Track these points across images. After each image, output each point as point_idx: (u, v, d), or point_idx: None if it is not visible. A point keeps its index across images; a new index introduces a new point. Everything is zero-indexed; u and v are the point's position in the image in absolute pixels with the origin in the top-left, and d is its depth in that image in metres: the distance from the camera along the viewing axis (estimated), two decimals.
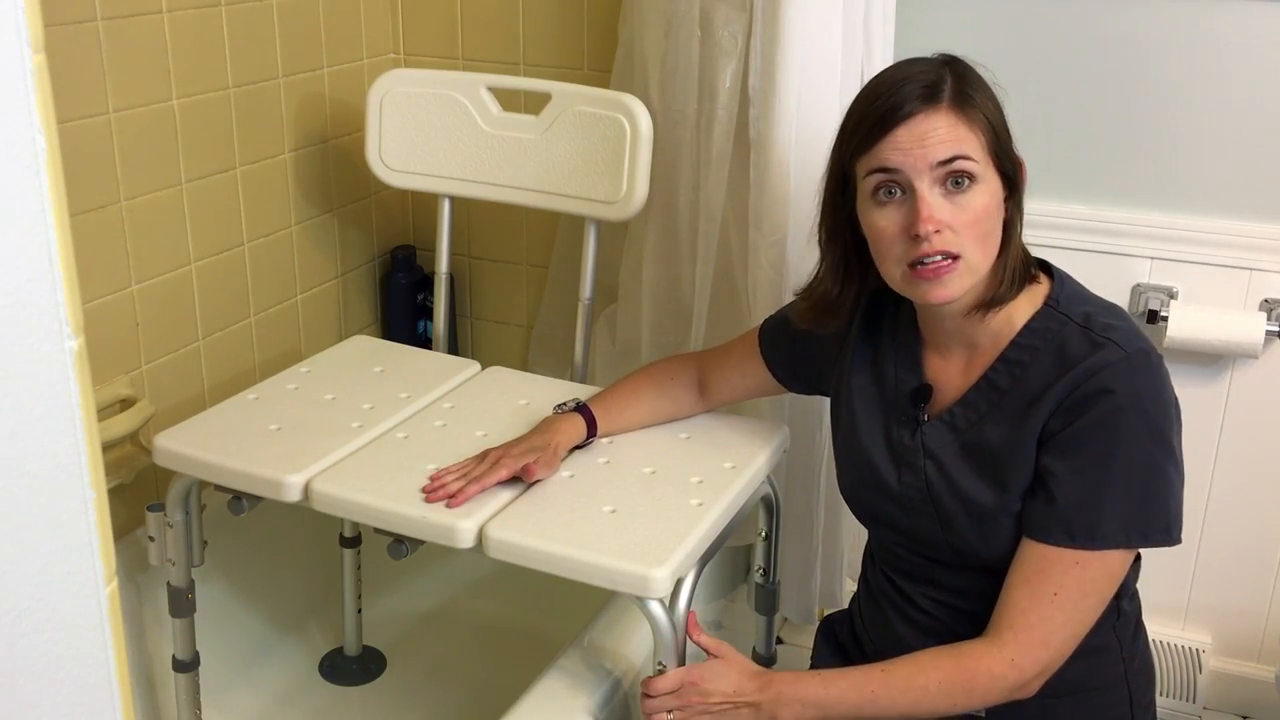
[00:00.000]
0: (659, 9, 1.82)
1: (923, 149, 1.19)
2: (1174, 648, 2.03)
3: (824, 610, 1.97)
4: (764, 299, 1.76)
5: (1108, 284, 1.77)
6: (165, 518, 1.58)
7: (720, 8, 1.77)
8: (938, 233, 1.19)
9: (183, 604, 1.63)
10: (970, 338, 1.30)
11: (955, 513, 1.28)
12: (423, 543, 1.42)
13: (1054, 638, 1.21)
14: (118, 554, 1.29)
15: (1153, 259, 1.89)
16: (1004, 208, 1.24)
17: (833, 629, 1.56)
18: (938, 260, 1.19)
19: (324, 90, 2.10)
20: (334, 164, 2.15)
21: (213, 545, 1.65)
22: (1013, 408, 1.26)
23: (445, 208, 1.94)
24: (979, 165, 1.20)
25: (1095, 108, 1.87)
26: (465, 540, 1.36)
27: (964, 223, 1.20)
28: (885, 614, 1.40)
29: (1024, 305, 1.27)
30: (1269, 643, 2.01)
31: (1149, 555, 1.32)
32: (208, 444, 1.53)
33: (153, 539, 1.60)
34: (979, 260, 1.21)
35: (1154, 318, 1.85)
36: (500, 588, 2.13)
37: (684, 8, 1.79)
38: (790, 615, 2.00)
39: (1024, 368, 1.26)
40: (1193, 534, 1.95)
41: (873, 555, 1.46)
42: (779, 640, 2.11)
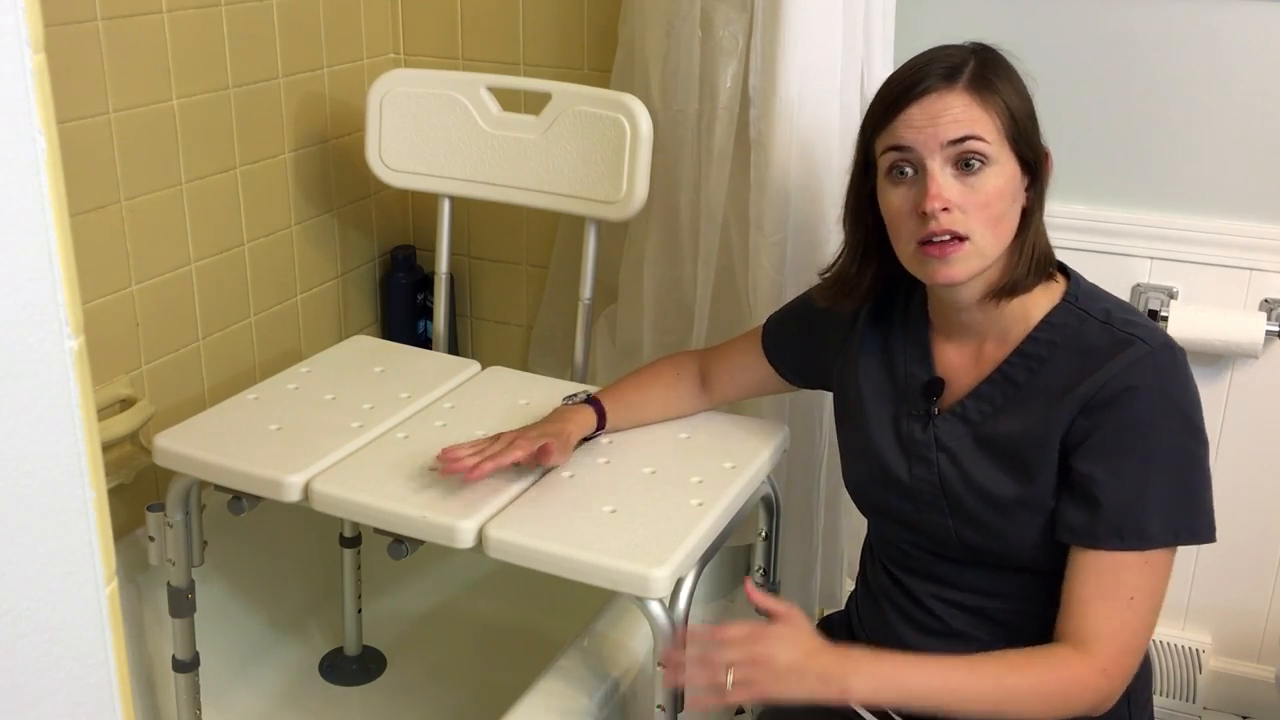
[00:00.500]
0: (659, 9, 1.82)
1: (935, 127, 1.20)
2: (1174, 648, 2.03)
3: (824, 610, 1.97)
4: (765, 299, 1.76)
5: (1108, 284, 1.74)
6: (165, 518, 1.58)
7: (721, 7, 1.76)
8: (946, 211, 1.19)
9: (183, 604, 1.63)
10: (983, 328, 1.30)
11: (973, 506, 1.28)
12: (423, 543, 1.42)
13: (1135, 643, 1.20)
14: (118, 554, 1.29)
15: (1153, 259, 1.89)
16: (1023, 195, 1.24)
17: (831, 630, 1.55)
18: (945, 239, 1.20)
19: (324, 90, 2.10)
20: (334, 164, 2.15)
21: (213, 545, 1.65)
22: (1031, 401, 1.25)
23: (445, 208, 1.94)
24: (992, 147, 1.20)
25: (1095, 107, 1.87)
26: (465, 540, 1.36)
27: (974, 204, 1.20)
28: (885, 613, 1.40)
29: (1041, 300, 1.27)
30: (1269, 643, 2.01)
31: None
32: (208, 444, 1.53)
33: (153, 539, 1.60)
34: (988, 244, 1.21)
35: (1154, 318, 1.85)
36: (500, 588, 2.13)
37: (685, 7, 1.79)
38: None
39: (1042, 362, 1.26)
40: None
41: (873, 551, 1.45)
42: None
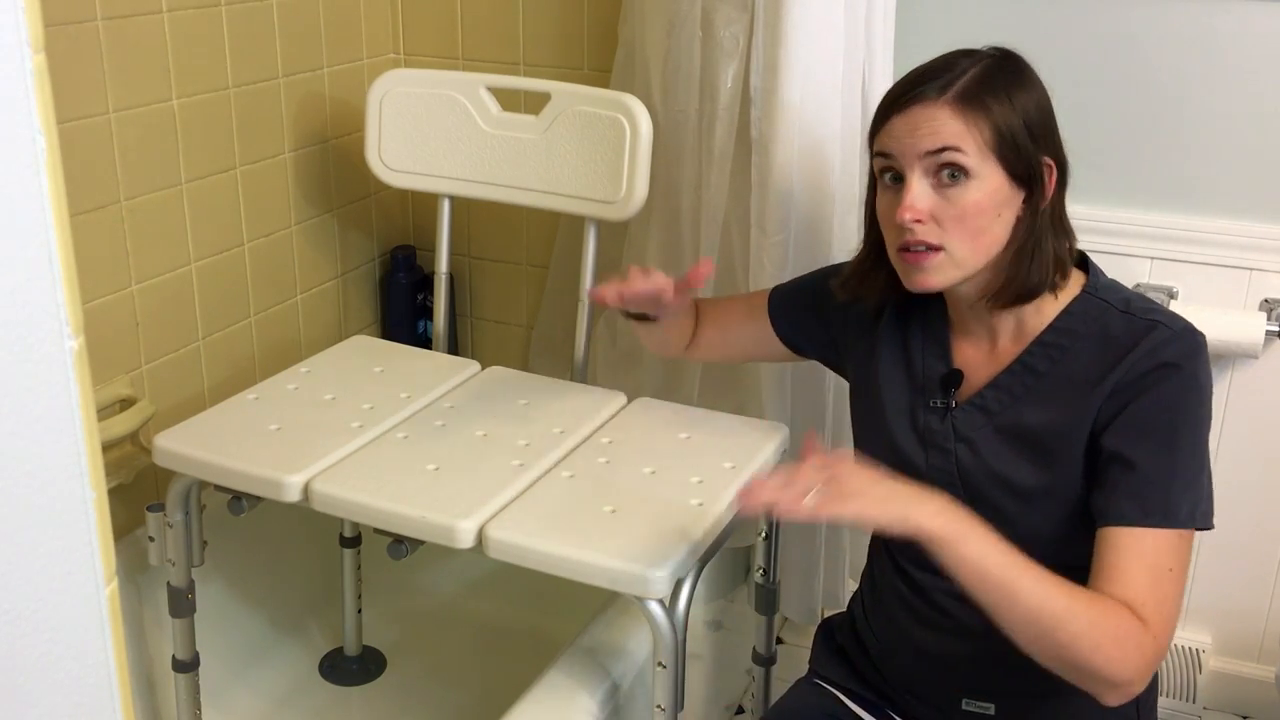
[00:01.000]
0: (660, 9, 1.82)
1: (913, 138, 1.22)
2: (1174, 648, 2.03)
3: (826, 610, 1.97)
4: None
5: None
6: (165, 518, 1.58)
7: (722, 7, 1.77)
8: (918, 222, 1.22)
9: (183, 604, 1.63)
10: (994, 325, 1.31)
11: (992, 494, 1.28)
12: (423, 543, 1.42)
13: (1176, 616, 1.18)
14: (118, 554, 1.29)
15: (1153, 259, 1.89)
16: (1017, 207, 1.24)
17: (832, 632, 1.55)
18: (920, 249, 1.23)
19: (324, 90, 2.10)
20: (334, 164, 2.15)
21: (213, 545, 1.65)
22: (1054, 390, 1.26)
23: (445, 208, 1.94)
24: (972, 161, 1.21)
25: (1095, 108, 1.87)
26: (465, 540, 1.36)
27: (950, 216, 1.22)
28: (892, 609, 1.40)
29: (1060, 293, 1.29)
30: (1269, 643, 2.01)
31: None
32: (208, 444, 1.53)
33: (153, 539, 1.60)
34: (965, 255, 1.23)
35: None
36: (500, 588, 2.13)
37: (685, 7, 1.79)
38: (793, 616, 2.00)
39: (1063, 350, 1.27)
40: None
41: (884, 546, 1.45)
42: (779, 640, 2.11)
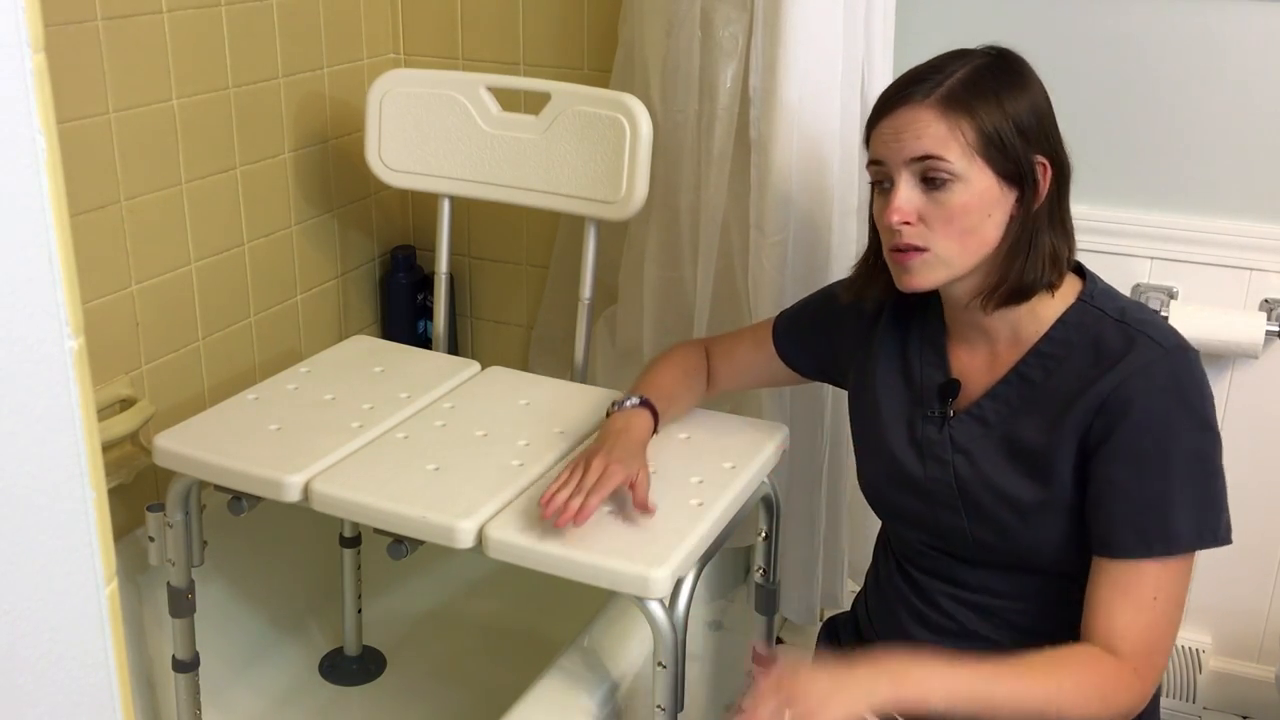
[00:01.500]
0: (660, 9, 1.82)
1: (898, 143, 1.23)
2: (1174, 648, 2.03)
3: (825, 610, 1.97)
4: (765, 299, 1.76)
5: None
6: (165, 518, 1.58)
7: (721, 8, 1.76)
8: (906, 224, 1.23)
9: (183, 604, 1.63)
10: (992, 331, 1.30)
11: (991, 507, 1.28)
12: (423, 543, 1.42)
13: (1162, 643, 1.21)
14: (118, 554, 1.29)
15: (1153, 259, 1.89)
16: (1010, 206, 1.24)
17: (835, 631, 1.55)
18: (906, 250, 1.24)
19: (324, 90, 2.10)
20: (334, 164, 2.15)
21: (213, 545, 1.65)
22: (1048, 401, 1.26)
23: (445, 208, 1.94)
24: (957, 165, 1.21)
25: (1095, 108, 1.87)
26: (465, 540, 1.36)
27: (938, 218, 1.22)
28: (896, 611, 1.40)
29: (1055, 301, 1.28)
30: (1269, 643, 2.01)
31: None
32: (208, 444, 1.52)
33: (153, 539, 1.60)
34: (953, 254, 1.23)
35: None
36: (500, 588, 2.13)
37: (685, 8, 1.79)
38: (793, 616, 2.00)
39: (1058, 361, 1.26)
40: None
41: (889, 549, 1.45)
42: (779, 640, 2.11)
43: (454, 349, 2.32)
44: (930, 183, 1.22)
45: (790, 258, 1.76)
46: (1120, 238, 1.89)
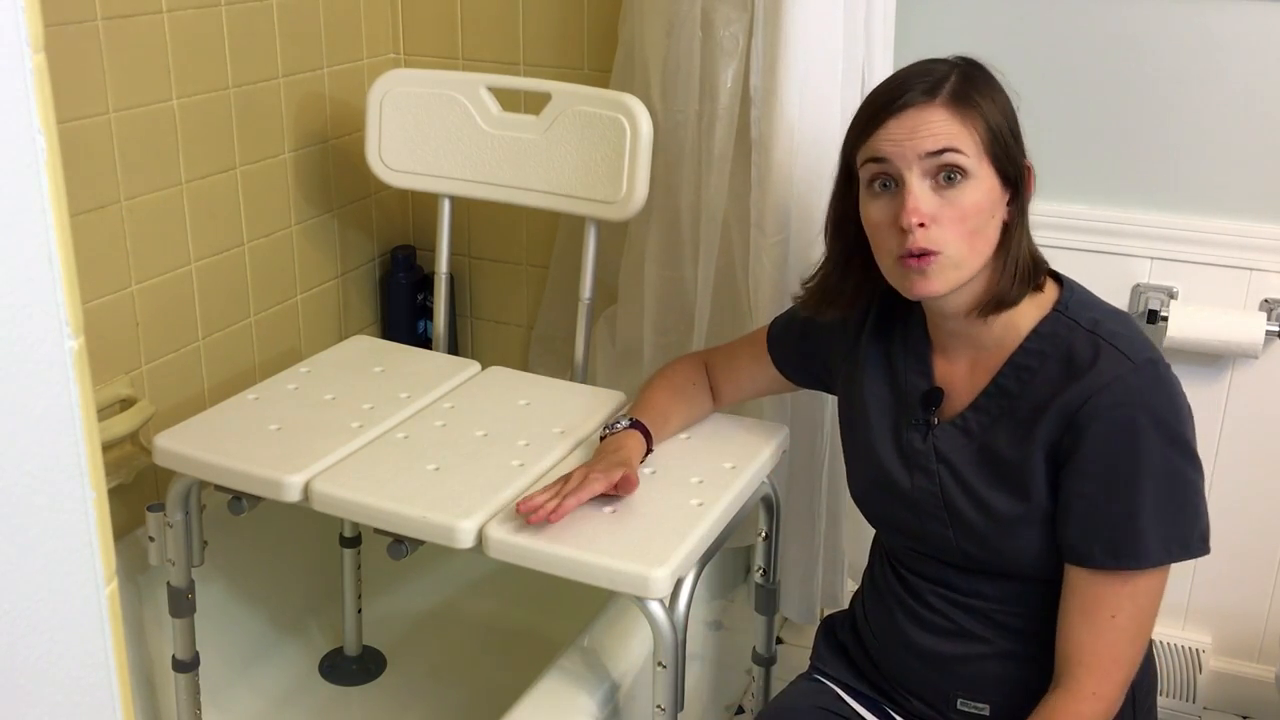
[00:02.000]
0: (660, 9, 1.82)
1: (913, 140, 1.21)
2: (1174, 648, 2.03)
3: (825, 611, 1.97)
4: (766, 300, 1.76)
5: (1108, 284, 1.77)
6: (165, 518, 1.58)
7: (721, 8, 1.76)
8: (922, 226, 1.20)
9: (183, 604, 1.63)
10: (974, 340, 1.30)
11: (973, 519, 1.28)
12: (423, 543, 1.42)
13: (1124, 656, 1.22)
14: (118, 554, 1.29)
15: (1153, 259, 1.89)
16: (1004, 209, 1.24)
17: (833, 629, 1.55)
18: (920, 253, 1.21)
19: (324, 90, 2.10)
20: (334, 164, 2.15)
21: (213, 545, 1.65)
22: (1022, 414, 1.25)
23: (445, 208, 1.94)
24: (970, 161, 1.20)
25: (1095, 108, 1.87)
26: (465, 540, 1.36)
27: (951, 218, 1.21)
28: (892, 611, 1.40)
29: (1031, 310, 1.27)
30: (1269, 643, 2.01)
31: None
32: (208, 444, 1.53)
33: (153, 539, 1.60)
34: (964, 256, 1.22)
35: (1154, 318, 1.85)
36: (500, 588, 2.13)
37: (685, 8, 1.79)
38: (792, 616, 2.00)
39: (1032, 373, 1.26)
40: None
41: (883, 551, 1.45)
42: (779, 640, 2.11)
43: (454, 349, 2.32)
44: (946, 179, 1.20)
45: (791, 257, 1.76)
46: (1120, 238, 1.89)
